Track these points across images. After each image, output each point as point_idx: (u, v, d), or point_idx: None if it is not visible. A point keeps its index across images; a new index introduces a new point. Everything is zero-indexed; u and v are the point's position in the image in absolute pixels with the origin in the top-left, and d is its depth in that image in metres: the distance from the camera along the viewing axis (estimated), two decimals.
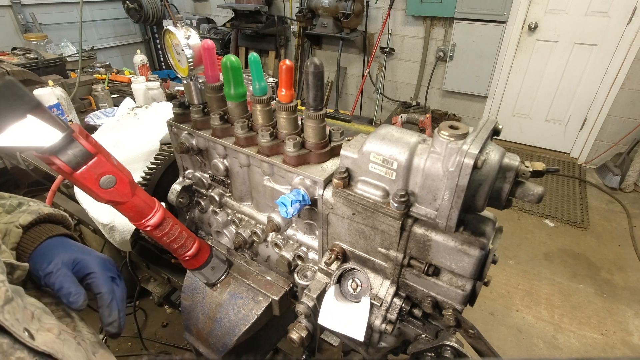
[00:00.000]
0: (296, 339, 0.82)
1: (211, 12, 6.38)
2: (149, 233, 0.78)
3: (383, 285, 0.81)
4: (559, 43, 4.19)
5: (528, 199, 0.64)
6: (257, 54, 0.84)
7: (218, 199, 1.07)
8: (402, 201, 0.65)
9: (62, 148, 0.55)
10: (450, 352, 0.72)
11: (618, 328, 2.57)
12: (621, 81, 3.97)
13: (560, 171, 4.42)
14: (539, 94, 4.54)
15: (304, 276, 0.94)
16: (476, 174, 0.60)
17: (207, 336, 1.03)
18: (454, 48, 4.52)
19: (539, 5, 4.11)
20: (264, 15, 5.26)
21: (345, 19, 4.58)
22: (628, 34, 3.81)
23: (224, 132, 0.94)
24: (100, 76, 2.90)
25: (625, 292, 2.84)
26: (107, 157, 0.63)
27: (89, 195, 0.65)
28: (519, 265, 3.09)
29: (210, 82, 0.92)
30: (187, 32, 0.87)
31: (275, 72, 5.50)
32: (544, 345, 2.46)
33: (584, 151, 4.51)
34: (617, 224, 3.57)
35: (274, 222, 0.87)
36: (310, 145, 0.83)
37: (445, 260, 0.71)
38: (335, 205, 0.79)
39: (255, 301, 1.00)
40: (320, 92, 0.76)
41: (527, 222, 3.61)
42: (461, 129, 0.59)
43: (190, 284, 1.08)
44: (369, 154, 0.68)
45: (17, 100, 0.49)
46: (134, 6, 5.22)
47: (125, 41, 6.09)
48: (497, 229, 0.72)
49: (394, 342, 0.87)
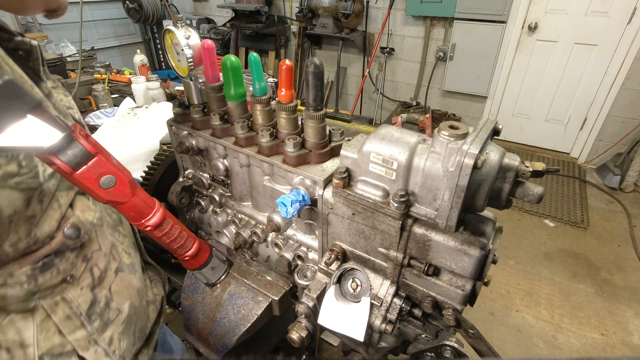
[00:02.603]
0: (296, 339, 0.82)
1: (211, 12, 6.38)
2: (149, 233, 0.78)
3: (383, 285, 0.81)
4: (559, 43, 4.19)
5: (528, 199, 0.64)
6: (257, 54, 0.84)
7: (218, 199, 1.07)
8: (402, 201, 0.65)
9: (62, 148, 0.55)
10: (450, 352, 0.72)
11: (618, 328, 2.57)
12: (621, 81, 3.97)
13: (560, 171, 4.42)
14: (539, 94, 4.54)
15: (304, 276, 0.94)
16: (476, 174, 0.60)
17: (207, 336, 1.03)
18: (454, 48, 4.52)
19: (539, 5, 4.11)
20: (264, 15, 5.26)
21: (345, 19, 4.57)
22: (628, 34, 3.81)
23: (224, 132, 0.94)
24: (100, 76, 2.90)
25: (625, 292, 2.84)
26: (107, 157, 0.63)
27: (88, 195, 0.65)
28: (519, 265, 3.09)
29: (210, 82, 0.92)
30: (187, 32, 0.87)
31: (275, 72, 5.50)
32: (544, 345, 2.46)
33: (584, 151, 4.50)
34: (617, 224, 3.57)
35: (274, 222, 0.87)
36: (310, 145, 0.83)
37: (445, 260, 0.71)
38: (335, 205, 0.79)
39: (255, 301, 1.00)
40: (320, 92, 0.76)
41: (527, 222, 3.61)
42: (461, 129, 0.59)
43: (190, 284, 1.08)
44: (369, 154, 0.68)
45: (17, 100, 0.49)
46: (134, 6, 5.22)
47: (125, 41, 6.09)
48: (497, 229, 0.72)
49: (394, 342, 0.87)
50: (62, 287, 0.63)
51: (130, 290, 0.80)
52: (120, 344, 0.75)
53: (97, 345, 0.69)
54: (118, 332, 0.74)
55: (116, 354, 0.73)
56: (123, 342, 0.76)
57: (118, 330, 0.74)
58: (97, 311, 0.70)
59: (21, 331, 0.59)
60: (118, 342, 0.74)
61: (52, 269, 0.60)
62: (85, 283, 0.67)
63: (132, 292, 0.80)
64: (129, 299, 0.78)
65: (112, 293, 0.74)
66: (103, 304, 0.71)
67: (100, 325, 0.70)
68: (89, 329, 0.68)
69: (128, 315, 0.77)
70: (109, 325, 0.72)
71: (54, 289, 0.62)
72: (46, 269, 0.59)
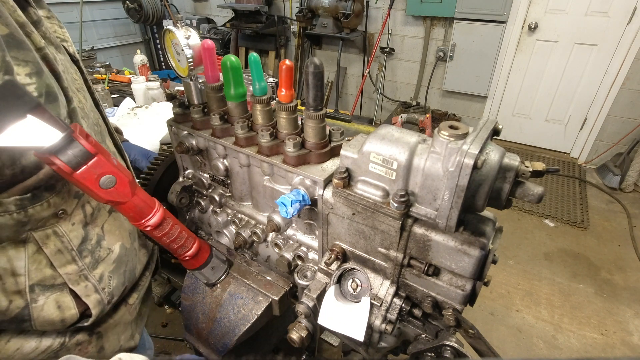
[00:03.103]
0: (296, 339, 0.82)
1: (211, 12, 6.38)
2: (149, 233, 0.78)
3: (383, 285, 0.81)
4: (559, 43, 4.19)
5: (528, 199, 0.64)
6: (257, 54, 0.84)
7: (218, 199, 1.07)
8: (402, 201, 0.65)
9: (62, 148, 0.55)
10: (450, 352, 0.72)
11: (618, 328, 2.57)
12: (621, 81, 3.97)
13: (560, 171, 4.42)
14: (539, 94, 4.54)
15: (304, 276, 0.94)
16: (476, 174, 0.60)
17: (207, 336, 1.03)
18: (454, 48, 4.52)
19: (539, 5, 4.11)
20: (264, 15, 5.26)
21: (345, 19, 4.58)
22: (628, 34, 3.81)
23: (224, 132, 0.94)
24: (100, 76, 2.90)
25: (625, 292, 2.84)
26: (107, 157, 0.63)
27: (88, 195, 0.65)
28: (519, 265, 3.09)
29: (210, 82, 0.92)
30: (187, 32, 0.87)
31: (275, 72, 5.50)
32: (544, 345, 2.46)
33: (584, 151, 4.51)
34: (617, 224, 3.57)
35: (274, 222, 0.87)
36: (310, 145, 0.83)
37: (445, 260, 0.71)
38: (335, 205, 0.79)
39: (255, 301, 1.00)
40: (320, 92, 0.76)
41: (527, 222, 3.61)
42: (461, 129, 0.59)
43: (190, 284, 1.08)
44: (369, 154, 0.68)
45: (17, 100, 0.49)
46: (134, 6, 5.21)
47: (125, 41, 6.09)
48: (497, 229, 0.72)
49: (394, 342, 0.87)
50: (54, 221, 0.64)
51: (122, 231, 0.81)
52: (110, 282, 0.76)
53: (87, 280, 0.71)
54: (108, 271, 0.76)
55: (105, 291, 0.75)
56: (113, 280, 0.77)
57: (108, 269, 0.76)
58: (88, 248, 0.71)
59: (12, 260, 0.61)
60: (108, 280, 0.76)
61: (42, 202, 0.60)
62: (77, 219, 0.69)
63: (124, 233, 0.81)
64: (121, 240, 0.80)
65: (105, 232, 0.75)
66: (94, 242, 0.73)
67: (91, 262, 0.72)
68: (79, 264, 0.69)
69: (119, 255, 0.79)
70: (99, 263, 0.74)
71: (46, 222, 0.63)
72: (36, 200, 0.59)
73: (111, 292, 0.77)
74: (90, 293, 0.72)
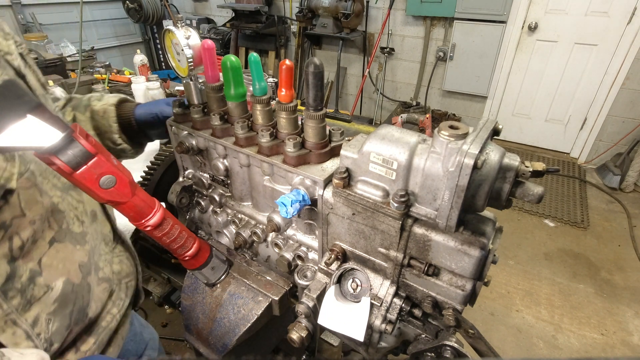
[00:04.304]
0: (296, 339, 0.82)
1: (211, 12, 6.38)
2: (149, 233, 0.78)
3: (383, 285, 0.81)
4: (559, 43, 4.19)
5: (528, 199, 0.64)
6: (257, 54, 0.84)
7: (218, 199, 1.07)
8: (402, 201, 0.65)
9: (62, 148, 0.55)
10: (450, 352, 0.72)
11: (618, 328, 2.57)
12: (621, 81, 3.97)
13: (560, 171, 4.42)
14: (539, 94, 4.54)
15: (304, 276, 0.94)
16: (476, 174, 0.60)
17: (207, 336, 1.03)
18: (454, 48, 4.52)
19: (539, 5, 4.11)
20: (264, 15, 5.26)
21: (345, 19, 4.58)
22: (628, 34, 3.81)
23: (224, 132, 0.94)
24: (100, 76, 2.90)
25: (625, 292, 2.84)
26: (107, 157, 0.63)
27: (88, 195, 0.65)
28: (519, 265, 3.09)
29: (210, 82, 0.92)
30: (187, 32, 0.87)
31: (275, 72, 5.50)
32: (544, 345, 2.46)
33: (584, 151, 4.51)
34: (617, 224, 3.57)
35: (274, 222, 0.87)
36: (310, 145, 0.83)
37: (445, 260, 0.71)
38: (335, 205, 0.79)
39: (255, 301, 1.00)
40: (320, 92, 0.75)
41: (527, 222, 3.61)
42: (461, 129, 0.59)
43: (190, 284, 1.08)
44: (369, 154, 0.68)
45: (17, 100, 0.49)
46: (134, 6, 5.22)
47: (125, 41, 6.09)
48: (497, 229, 0.72)
49: (394, 342, 0.87)
50: None
51: (69, 264, 0.70)
52: (48, 325, 0.66)
53: (15, 326, 0.61)
54: (47, 312, 0.65)
55: (41, 337, 0.64)
56: (53, 324, 0.67)
57: (47, 310, 0.65)
58: (16, 287, 0.60)
59: None
60: (46, 324, 0.65)
61: None
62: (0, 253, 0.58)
63: (71, 266, 0.70)
64: (66, 275, 0.69)
65: (42, 266, 0.65)
66: (25, 279, 0.62)
67: (22, 303, 0.61)
68: (4, 307, 0.59)
69: (62, 293, 0.68)
70: (33, 304, 0.63)
71: None
72: None
73: (48, 337, 0.66)
74: (21, 341, 0.61)
